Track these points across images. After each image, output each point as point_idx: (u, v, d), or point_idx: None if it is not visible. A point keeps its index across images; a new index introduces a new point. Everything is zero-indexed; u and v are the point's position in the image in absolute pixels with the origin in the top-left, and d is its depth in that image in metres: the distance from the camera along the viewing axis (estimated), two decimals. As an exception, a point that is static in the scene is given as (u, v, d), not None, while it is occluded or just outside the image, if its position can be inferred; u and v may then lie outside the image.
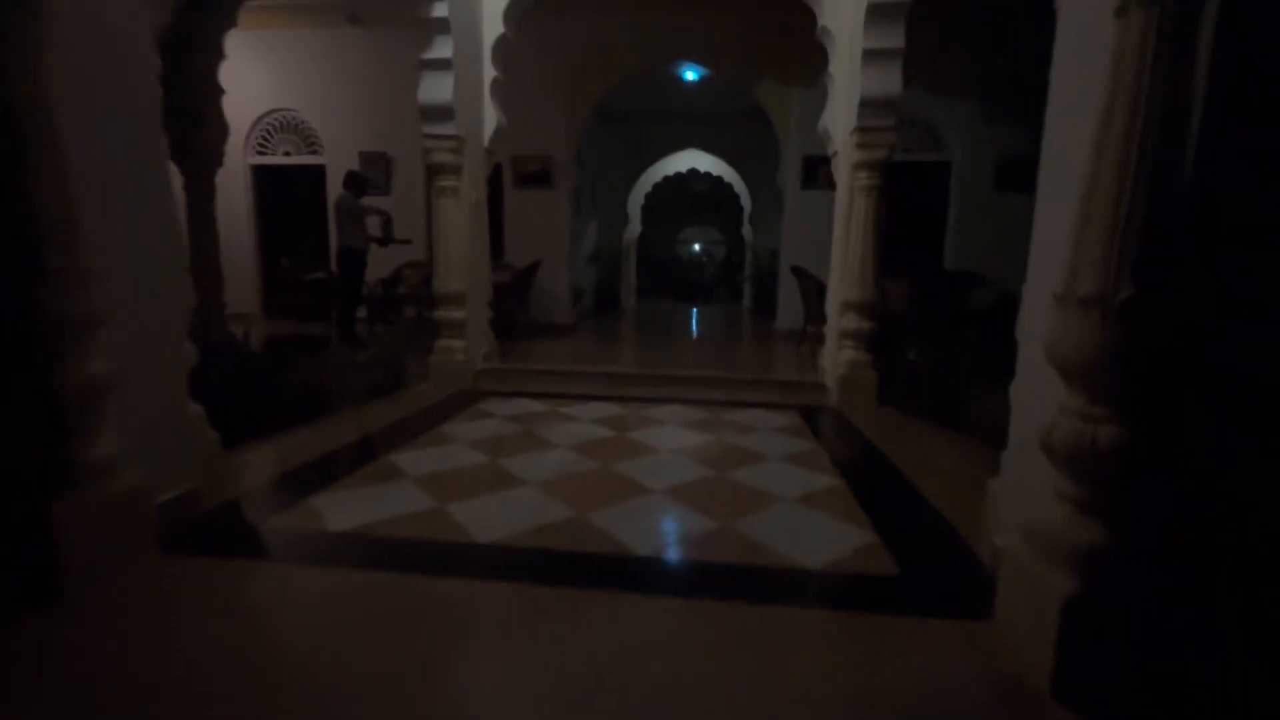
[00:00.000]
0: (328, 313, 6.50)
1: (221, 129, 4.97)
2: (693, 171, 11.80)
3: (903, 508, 2.24)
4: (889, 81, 3.56)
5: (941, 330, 5.69)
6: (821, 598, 1.68)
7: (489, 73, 4.39)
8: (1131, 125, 1.10)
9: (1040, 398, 1.49)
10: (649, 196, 12.26)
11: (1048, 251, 1.59)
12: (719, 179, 12.04)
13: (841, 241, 3.97)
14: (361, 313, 6.32)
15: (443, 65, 3.93)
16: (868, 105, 3.58)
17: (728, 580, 1.71)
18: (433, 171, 4.18)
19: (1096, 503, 1.21)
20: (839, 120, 3.99)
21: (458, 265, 4.21)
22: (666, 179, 12.00)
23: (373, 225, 5.81)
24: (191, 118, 4.76)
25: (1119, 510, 1.19)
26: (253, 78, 7.44)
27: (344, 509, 2.12)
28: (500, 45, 4.37)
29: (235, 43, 7.08)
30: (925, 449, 3.05)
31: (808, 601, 1.64)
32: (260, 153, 7.82)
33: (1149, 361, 1.12)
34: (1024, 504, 1.58)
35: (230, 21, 4.87)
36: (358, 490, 2.30)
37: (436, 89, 3.95)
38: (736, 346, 6.54)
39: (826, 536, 1.98)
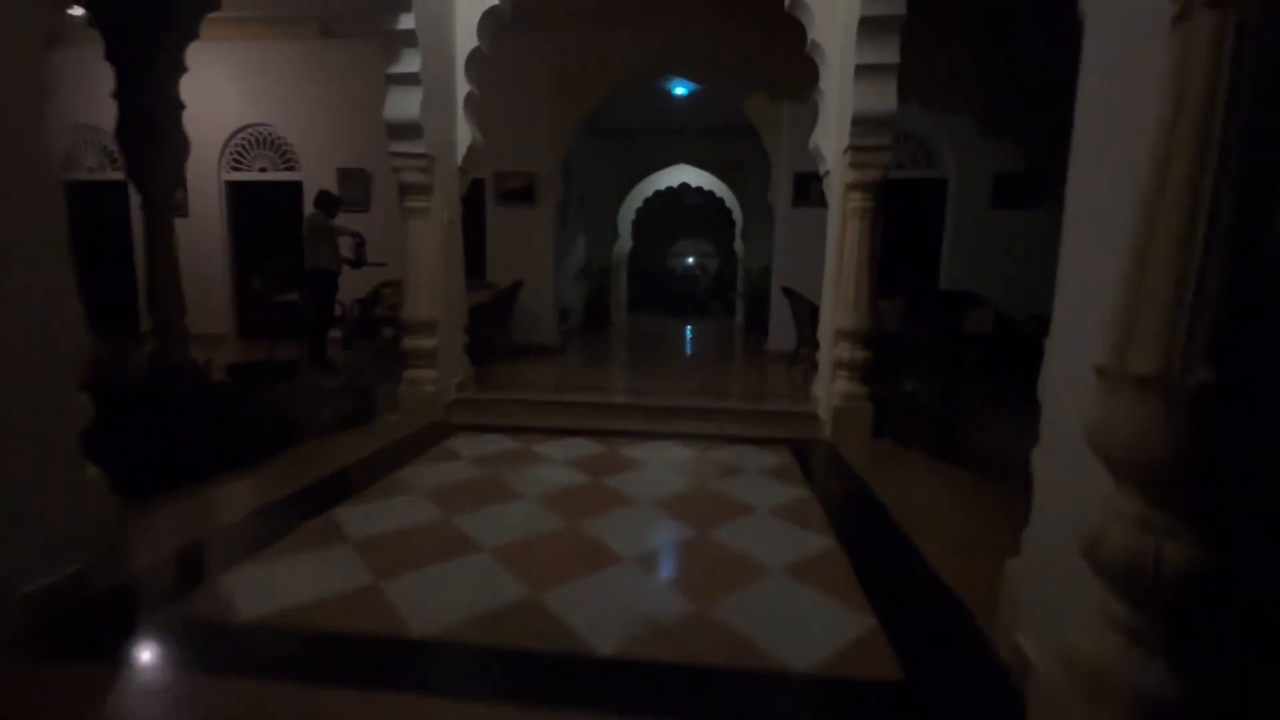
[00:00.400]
0: (300, 335, 6.23)
1: (182, 146, 4.71)
2: (684, 186, 11.63)
3: (906, 580, 1.98)
4: (883, 98, 3.35)
5: (938, 353, 5.47)
6: (815, 716, 1.41)
7: (462, 88, 4.16)
8: (1203, 154, 0.86)
9: (1075, 482, 1.23)
10: (640, 211, 12.08)
11: (1078, 300, 1.35)
12: (710, 193, 11.87)
13: (834, 266, 3.74)
14: (336, 333, 6.05)
15: (410, 80, 3.70)
16: (861, 123, 3.36)
17: (701, 692, 1.44)
18: (402, 191, 3.94)
19: (1160, 639, 0.95)
20: (830, 138, 3.77)
21: (429, 290, 3.95)
22: (658, 193, 11.83)
23: (346, 246, 5.55)
24: (148, 134, 4.51)
25: (1191, 652, 0.93)
26: (226, 92, 7.21)
27: (263, 587, 1.83)
28: (474, 59, 4.15)
29: (207, 56, 6.86)
30: (927, 493, 2.79)
31: None
32: (235, 169, 7.57)
33: (1234, 465, 0.87)
34: (1055, 605, 1.32)
35: (191, 34, 4.63)
36: (286, 559, 2.01)
37: (403, 105, 3.71)
38: (727, 369, 6.30)
39: (820, 622, 1.71)
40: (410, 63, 3.68)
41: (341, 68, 6.97)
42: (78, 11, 4.39)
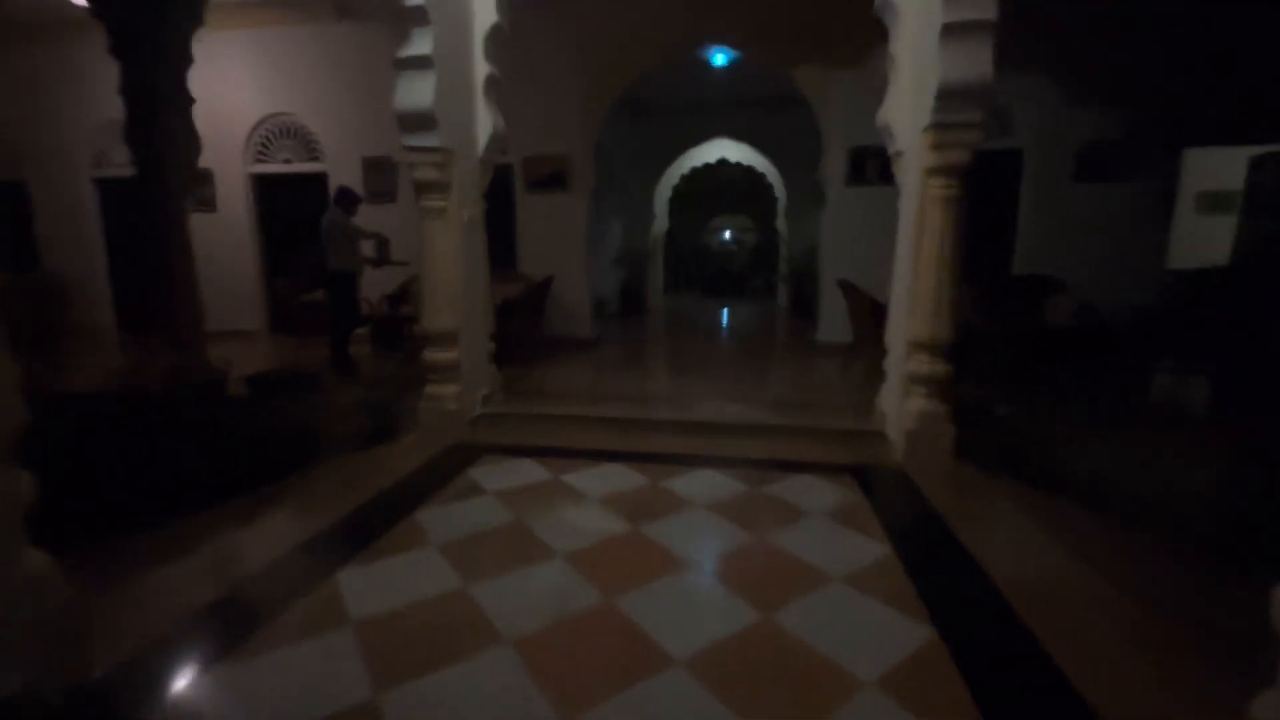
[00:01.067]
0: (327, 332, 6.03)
1: (192, 142, 4.45)
2: (722, 162, 10.97)
3: (1040, 704, 1.54)
4: (976, 64, 2.77)
5: (1017, 350, 4.87)
6: None
7: (482, 70, 3.73)
8: None
9: None
10: (676, 189, 11.50)
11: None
12: (750, 169, 11.19)
13: (909, 263, 3.21)
14: (364, 331, 5.82)
15: (421, 64, 3.30)
16: (948, 96, 2.80)
17: None
18: (418, 189, 3.57)
19: None
20: (905, 114, 3.21)
21: (448, 298, 3.60)
22: (695, 170, 11.21)
23: (367, 247, 5.26)
24: (156, 131, 4.25)
25: None
26: (246, 81, 6.97)
27: (240, 698, 1.53)
28: (494, 37, 3.71)
29: (223, 45, 6.61)
30: (1036, 551, 2.32)
31: None
32: (260, 160, 7.36)
33: None
34: None
35: (197, 21, 4.32)
36: (270, 655, 1.70)
37: (415, 92, 3.32)
38: (774, 366, 5.80)
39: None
40: (421, 44, 3.27)
41: (360, 51, 6.63)
42: (83, 1, 4.12)
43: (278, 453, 3.41)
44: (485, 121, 3.79)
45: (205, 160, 5.55)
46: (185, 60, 4.34)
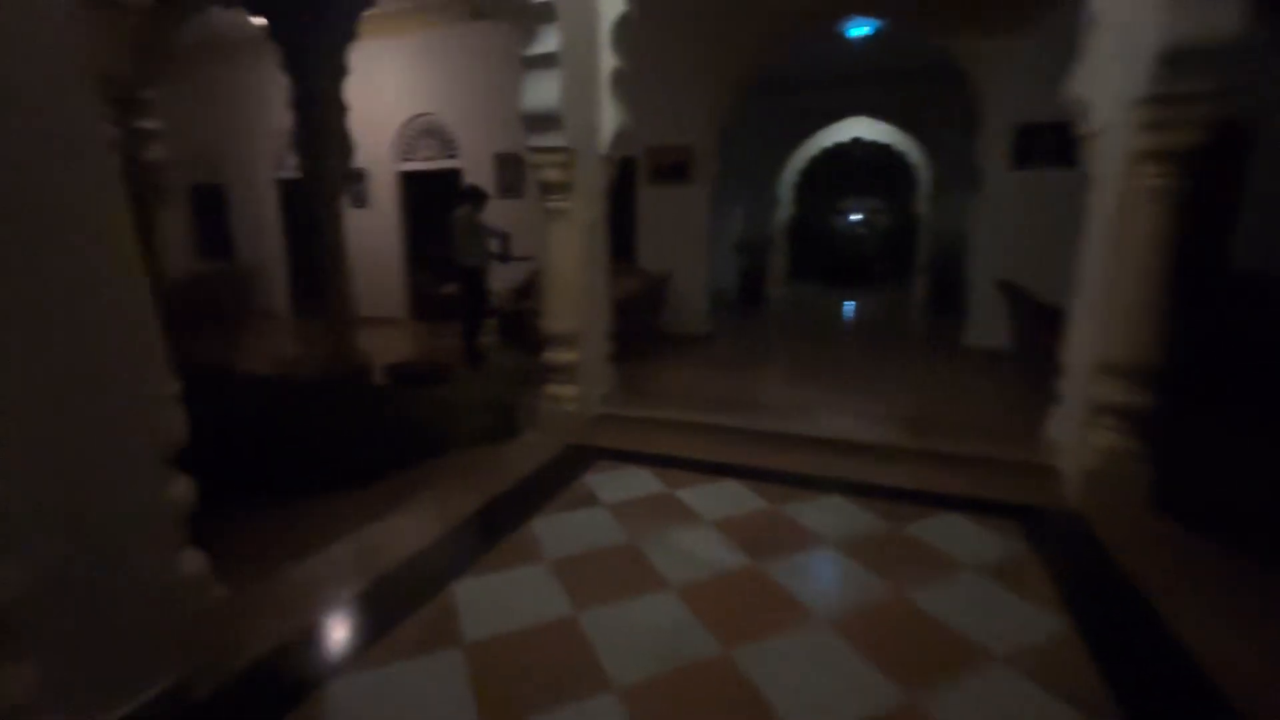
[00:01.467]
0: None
1: (347, 146, 4.82)
2: (855, 141, 10.14)
3: None
4: (1217, 15, 2.17)
5: (1240, 371, 3.97)
6: None
7: (608, 62, 3.63)
8: None
9: None
10: (803, 173, 10.84)
11: None
12: (886, 147, 10.23)
13: (1102, 268, 2.66)
14: (493, 322, 6.06)
15: (547, 62, 3.25)
16: (1174, 59, 2.23)
17: None
18: (542, 190, 3.56)
19: None
20: (1105, 85, 2.63)
21: (569, 301, 3.58)
22: (825, 151, 10.46)
23: (491, 242, 5.44)
24: (318, 138, 4.64)
25: None
26: (394, 86, 7.48)
27: (364, 708, 1.56)
28: (623, 27, 3.58)
29: (375, 53, 7.12)
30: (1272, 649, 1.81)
31: None
32: (406, 159, 7.91)
33: None
34: None
35: (350, 35, 4.64)
36: (388, 669, 1.72)
37: (541, 92, 3.28)
38: (913, 371, 5.23)
39: None
40: (547, 41, 3.22)
41: (492, 50, 6.84)
42: (261, 22, 4.57)
43: (408, 441, 3.62)
44: (611, 117, 3.69)
45: (360, 160, 6.04)
46: (341, 71, 4.68)
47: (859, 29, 6.59)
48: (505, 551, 2.39)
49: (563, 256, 3.53)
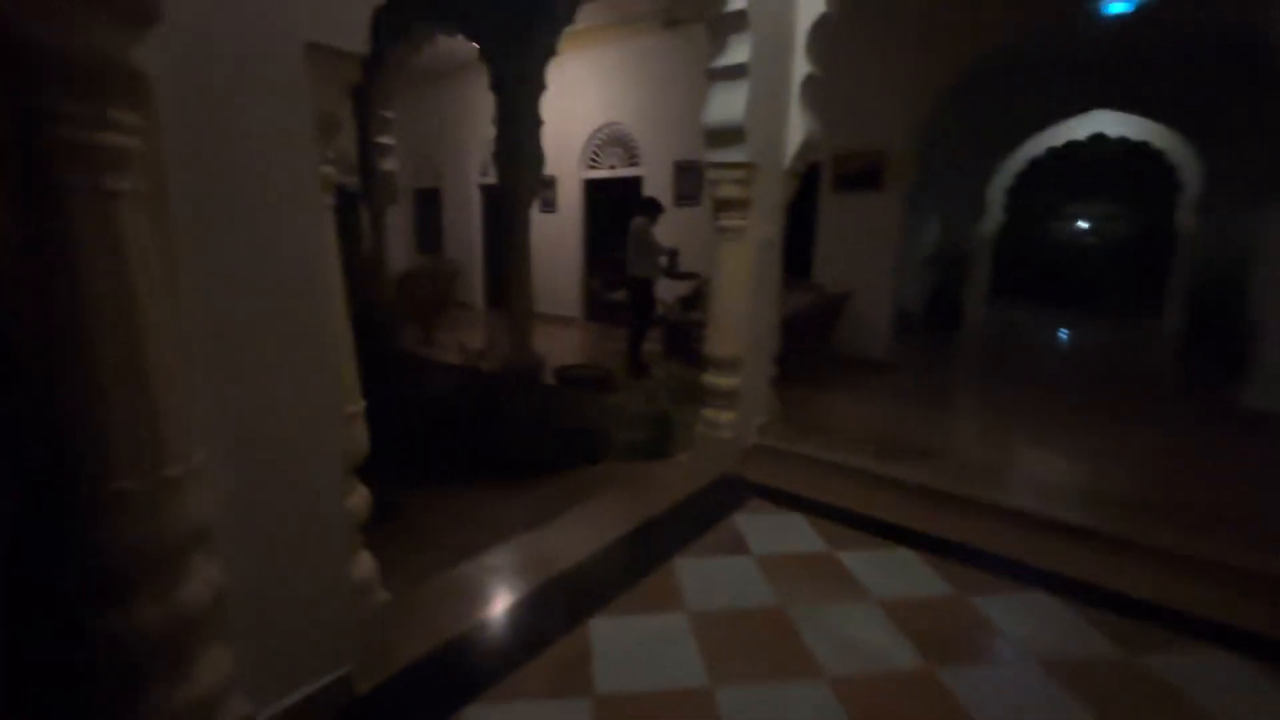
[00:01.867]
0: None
1: (539, 157, 5.12)
2: (1096, 139, 8.43)
3: None
4: None
5: None
6: None
7: (801, 70, 3.36)
8: None
9: None
10: (1019, 177, 9.30)
11: None
12: (1138, 145, 8.31)
13: None
14: (658, 331, 6.10)
15: (736, 73, 3.07)
16: None
17: None
18: (716, 207, 3.41)
19: None
20: None
21: (733, 326, 3.39)
22: (1052, 150, 8.84)
23: (661, 259, 5.45)
24: (515, 150, 4.99)
25: None
26: (586, 96, 7.84)
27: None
28: (820, 30, 3.29)
29: (571, 66, 7.51)
30: None
31: None
32: (592, 167, 8.28)
33: None
34: None
35: (550, 53, 4.90)
36: (513, 707, 1.71)
37: (726, 105, 3.12)
38: (1164, 437, 4.03)
39: None
40: (737, 52, 3.04)
41: (678, 58, 6.84)
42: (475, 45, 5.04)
43: (572, 445, 3.73)
44: (797, 127, 3.42)
45: (551, 167, 6.42)
46: (540, 88, 4.98)
47: (1118, 5, 5.43)
48: (648, 591, 2.30)
49: (732, 278, 3.35)
